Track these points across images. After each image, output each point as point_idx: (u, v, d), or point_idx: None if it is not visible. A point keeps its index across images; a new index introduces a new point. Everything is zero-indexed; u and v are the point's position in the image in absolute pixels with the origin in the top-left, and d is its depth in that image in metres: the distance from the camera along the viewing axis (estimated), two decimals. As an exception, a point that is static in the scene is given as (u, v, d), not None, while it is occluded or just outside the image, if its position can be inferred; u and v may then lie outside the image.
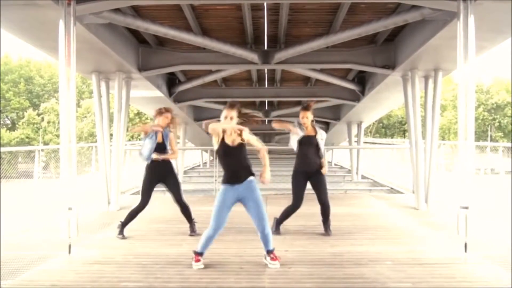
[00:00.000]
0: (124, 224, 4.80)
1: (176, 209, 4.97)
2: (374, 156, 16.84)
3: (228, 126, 3.57)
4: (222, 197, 3.61)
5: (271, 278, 3.38)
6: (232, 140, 3.61)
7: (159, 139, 4.81)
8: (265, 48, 7.54)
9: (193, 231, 4.91)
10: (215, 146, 3.66)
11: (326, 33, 6.64)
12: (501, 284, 3.26)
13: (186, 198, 4.97)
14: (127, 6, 5.57)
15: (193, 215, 4.98)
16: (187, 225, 4.96)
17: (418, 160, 7.04)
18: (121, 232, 4.76)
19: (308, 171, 4.78)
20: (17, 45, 53.95)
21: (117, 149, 7.13)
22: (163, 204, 6.89)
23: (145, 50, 7.46)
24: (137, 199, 4.83)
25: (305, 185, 4.82)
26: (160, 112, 4.87)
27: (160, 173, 4.82)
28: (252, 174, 3.66)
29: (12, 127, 42.24)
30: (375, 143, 26.42)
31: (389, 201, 7.94)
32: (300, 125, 4.87)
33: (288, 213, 4.87)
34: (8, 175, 9.18)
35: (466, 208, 4.00)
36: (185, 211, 4.93)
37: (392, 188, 12.04)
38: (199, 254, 3.68)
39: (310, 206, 5.10)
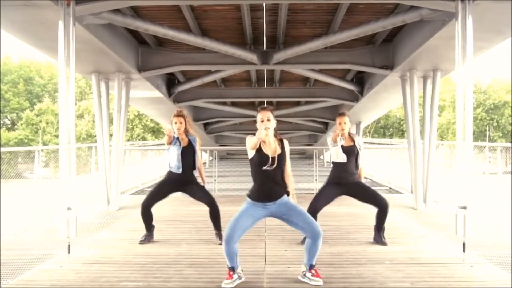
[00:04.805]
0: (146, 229, 4.58)
1: (174, 209, 4.96)
2: (373, 156, 16.83)
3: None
4: (246, 209, 3.20)
5: (270, 277, 3.39)
6: (272, 150, 3.17)
7: (184, 143, 4.40)
8: (264, 48, 7.56)
9: (220, 239, 4.36)
10: (250, 155, 3.20)
11: (324, 34, 6.67)
12: (499, 284, 3.27)
13: (186, 198, 4.78)
14: (126, 7, 5.59)
15: (195, 217, 4.72)
16: (187, 225, 4.93)
17: (417, 160, 7.06)
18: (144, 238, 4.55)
19: (343, 183, 4.30)
20: (18, 45, 53.82)
21: (117, 149, 7.15)
22: (162, 204, 6.86)
23: (144, 51, 7.47)
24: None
25: (332, 195, 4.33)
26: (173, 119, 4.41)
27: (180, 182, 4.43)
28: (287, 193, 3.25)
29: (12, 128, 42.17)
30: (374, 143, 26.38)
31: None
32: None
33: None
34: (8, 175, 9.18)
35: (465, 208, 4.02)
36: (215, 214, 4.45)
37: (390, 188, 12.05)
38: (230, 269, 3.25)
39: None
